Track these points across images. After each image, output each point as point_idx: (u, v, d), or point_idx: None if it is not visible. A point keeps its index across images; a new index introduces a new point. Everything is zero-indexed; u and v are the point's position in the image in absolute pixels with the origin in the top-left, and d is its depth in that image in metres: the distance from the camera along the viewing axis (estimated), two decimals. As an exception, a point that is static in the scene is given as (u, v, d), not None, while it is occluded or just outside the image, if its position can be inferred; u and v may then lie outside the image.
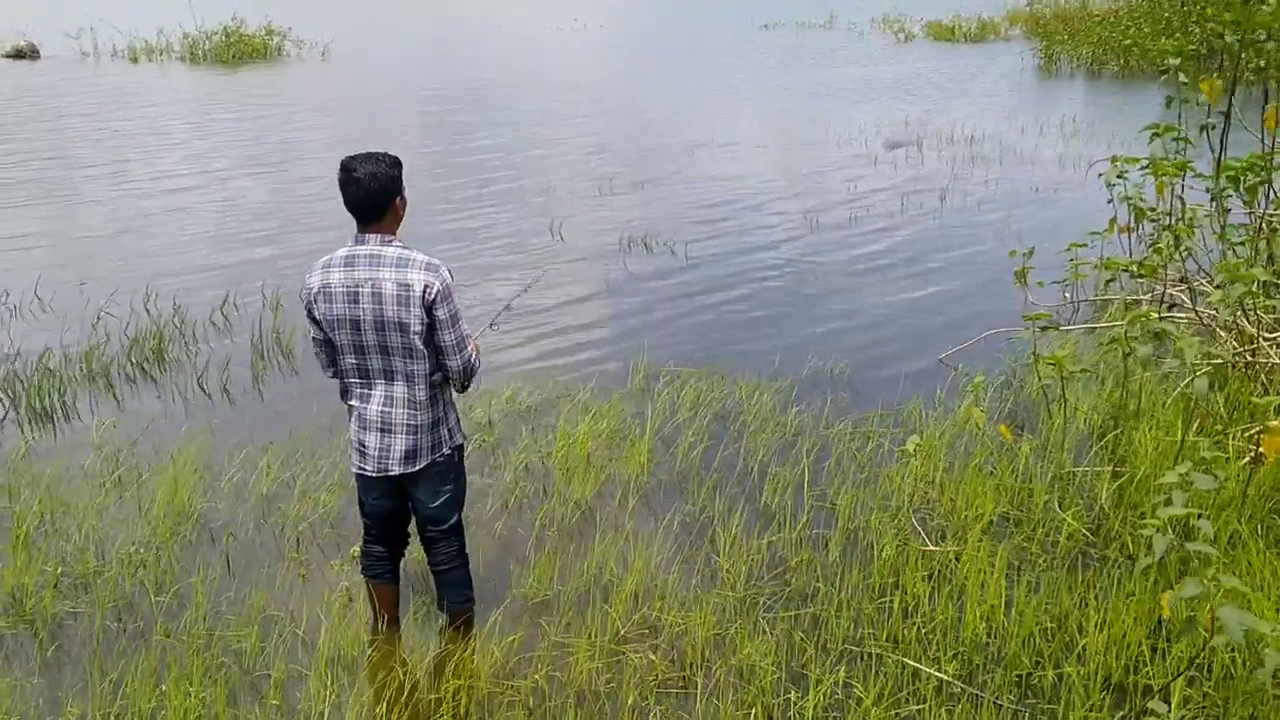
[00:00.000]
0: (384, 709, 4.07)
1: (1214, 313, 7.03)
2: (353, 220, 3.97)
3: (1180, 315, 7.33)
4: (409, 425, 4.07)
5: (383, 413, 4.06)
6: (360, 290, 3.89)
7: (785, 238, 10.84)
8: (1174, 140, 7.30)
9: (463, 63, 27.08)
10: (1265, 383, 6.14)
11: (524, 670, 4.29)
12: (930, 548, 5.00)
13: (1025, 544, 5.06)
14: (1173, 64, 7.38)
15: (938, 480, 5.60)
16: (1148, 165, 7.24)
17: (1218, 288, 5.95)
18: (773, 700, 4.09)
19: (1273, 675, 3.27)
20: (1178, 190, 7.40)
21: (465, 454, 4.46)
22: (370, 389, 4.07)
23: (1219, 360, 6.38)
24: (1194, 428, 5.61)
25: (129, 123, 18.01)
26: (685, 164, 14.55)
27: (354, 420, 4.15)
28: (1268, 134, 7.04)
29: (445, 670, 4.21)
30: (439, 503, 4.26)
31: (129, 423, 6.67)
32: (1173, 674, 4.00)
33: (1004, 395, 6.77)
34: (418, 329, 3.92)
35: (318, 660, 4.32)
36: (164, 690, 4.10)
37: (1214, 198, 7.42)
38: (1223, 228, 7.27)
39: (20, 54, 27.69)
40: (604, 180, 13.42)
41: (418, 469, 4.15)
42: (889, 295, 9.04)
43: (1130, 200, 7.50)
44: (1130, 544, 4.97)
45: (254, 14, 29.19)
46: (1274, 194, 7.30)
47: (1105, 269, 7.08)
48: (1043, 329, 6.34)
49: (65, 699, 4.16)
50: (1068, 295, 8.27)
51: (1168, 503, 3.95)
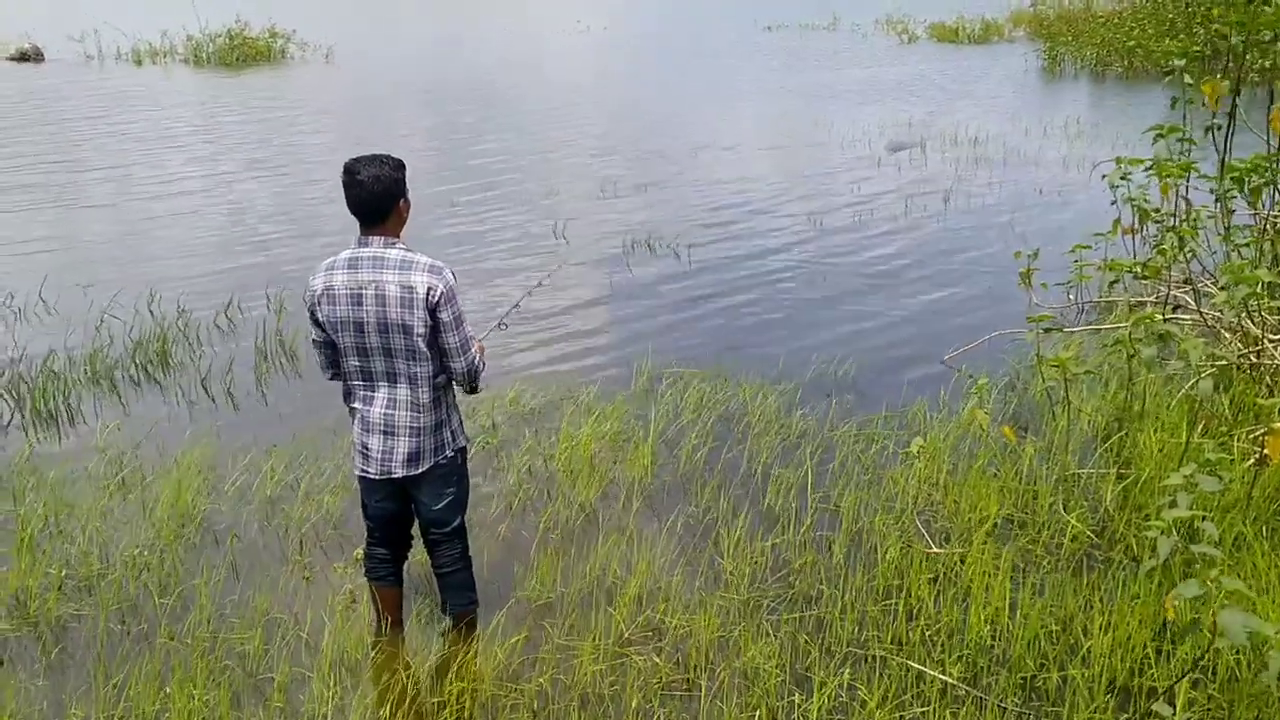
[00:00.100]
0: (387, 711, 4.07)
1: (1218, 314, 7.02)
2: (356, 222, 3.98)
3: (1185, 317, 7.31)
4: (412, 428, 4.07)
5: (386, 415, 4.06)
6: (364, 292, 3.89)
7: (789, 240, 10.83)
8: (1178, 141, 7.29)
9: (466, 65, 27.10)
10: (1270, 384, 6.12)
11: (528, 673, 4.29)
12: (934, 550, 4.99)
13: (1030, 546, 5.05)
14: (1177, 65, 7.35)
15: (942, 482, 5.59)
16: (1152, 166, 7.23)
17: (1222, 289, 5.94)
18: (777, 703, 4.08)
19: (1277, 678, 3.26)
20: (1182, 191, 7.39)
21: (468, 456, 4.46)
22: (373, 391, 4.07)
23: (1224, 362, 6.37)
24: (1199, 429, 5.60)
25: (133, 126, 18.05)
26: (689, 166, 14.55)
27: (357, 423, 4.15)
28: (1273, 135, 7.03)
29: (448, 673, 4.21)
30: (442, 505, 4.27)
31: (133, 425, 6.68)
32: (1177, 675, 3.99)
33: (1008, 397, 6.77)
34: (421, 331, 3.92)
35: (321, 663, 4.32)
36: (168, 693, 4.11)
37: (1218, 199, 7.40)
38: (1227, 229, 7.25)
39: (25, 57, 27.75)
40: (608, 182, 13.43)
41: (421, 471, 4.15)
42: (893, 297, 9.04)
43: (1134, 201, 7.49)
44: (1135, 546, 4.96)
45: (257, 17, 29.23)
46: (1279, 195, 7.28)
47: (1109, 270, 7.07)
48: (1047, 330, 6.34)
49: (69, 701, 4.16)
50: (1072, 297, 8.26)
51: (1172, 505, 3.93)
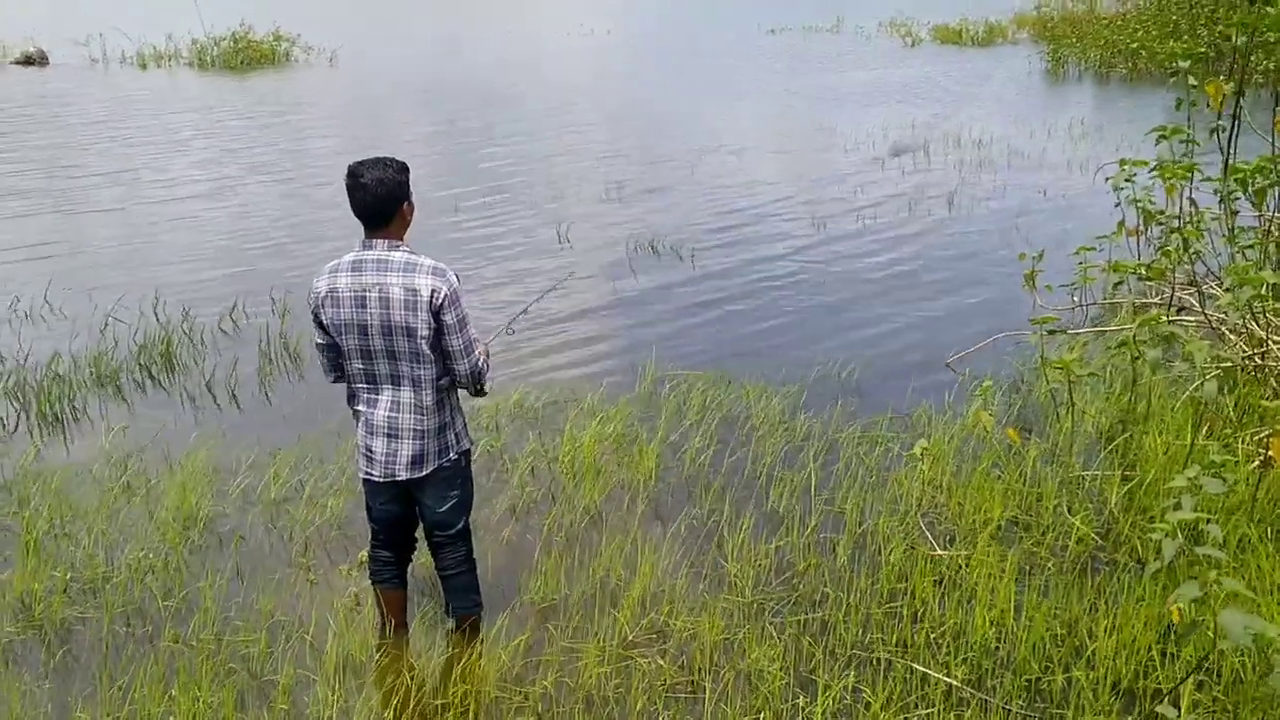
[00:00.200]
0: (391, 714, 4.07)
1: (1223, 316, 7.01)
2: (361, 226, 3.98)
3: (1189, 318, 7.30)
4: (416, 430, 4.08)
5: (389, 418, 4.07)
6: (367, 295, 3.90)
7: (793, 243, 10.83)
8: (1182, 143, 7.28)
9: (469, 68, 27.12)
10: (1275, 386, 6.11)
11: (532, 675, 4.29)
12: (939, 552, 4.99)
13: (1034, 549, 5.05)
14: (1181, 67, 7.35)
15: (946, 484, 5.58)
16: (1155, 168, 7.22)
17: (1227, 291, 5.93)
18: (781, 705, 4.08)
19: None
20: (1187, 193, 7.38)
21: (472, 459, 4.47)
22: (377, 394, 4.08)
23: (1228, 363, 6.36)
24: (1203, 431, 5.59)
25: (139, 129, 18.07)
26: (693, 169, 14.54)
27: (361, 426, 4.16)
28: (1278, 136, 7.02)
29: (453, 675, 4.21)
30: (446, 508, 4.27)
31: (138, 428, 6.69)
32: (1181, 678, 3.98)
33: (1012, 399, 6.76)
34: (425, 334, 3.92)
35: (326, 665, 4.32)
36: (173, 695, 4.11)
37: (1222, 200, 7.39)
38: (1231, 230, 7.24)
39: (30, 60, 27.82)
40: (613, 185, 13.43)
41: (425, 474, 4.16)
42: (897, 300, 9.03)
43: (1139, 203, 7.48)
44: (1140, 548, 4.95)
45: (257, 18, 29.27)
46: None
47: (1114, 272, 7.06)
48: (1051, 332, 6.33)
49: (74, 704, 4.17)
50: (1076, 299, 8.25)
51: (1177, 507, 3.93)
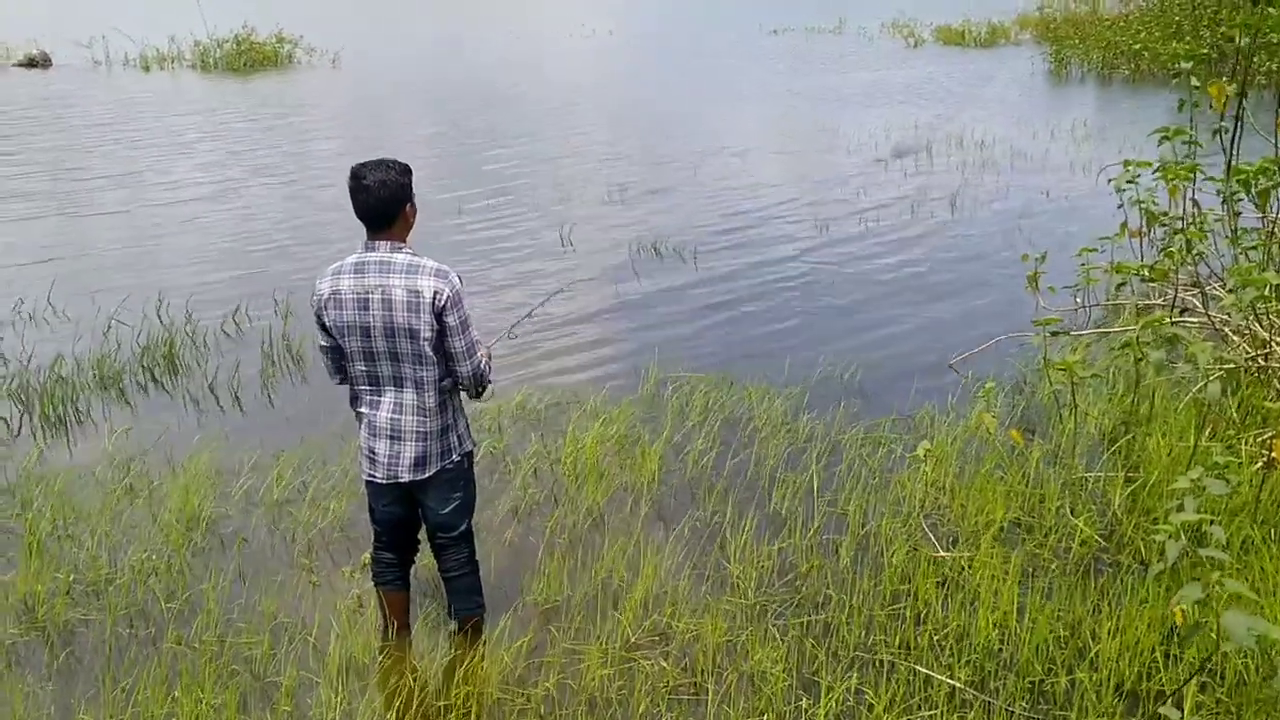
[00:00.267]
0: (394, 716, 4.07)
1: (1226, 317, 7.00)
2: (363, 228, 3.98)
3: (1192, 320, 7.30)
4: (418, 432, 4.08)
5: (392, 420, 4.07)
6: (370, 297, 3.90)
7: (796, 243, 10.83)
8: (1184, 144, 7.27)
9: (472, 69, 27.13)
10: (1278, 387, 6.10)
11: (535, 677, 4.29)
12: (941, 554, 4.98)
13: (1037, 550, 5.04)
14: (1184, 68, 7.34)
15: (949, 486, 5.58)
16: (1158, 169, 7.21)
17: (1230, 292, 5.92)
18: (784, 707, 4.08)
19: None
20: (1190, 194, 7.37)
21: (475, 460, 4.47)
22: (380, 396, 4.08)
23: (1231, 365, 6.35)
24: (1206, 433, 5.59)
25: (142, 131, 18.08)
26: (696, 170, 14.54)
27: (364, 427, 4.16)
28: (1281, 137, 7.01)
29: (455, 676, 4.22)
30: (449, 509, 4.27)
31: (141, 430, 6.70)
32: (1185, 679, 3.98)
33: (1015, 400, 6.76)
34: (428, 335, 3.92)
35: (329, 667, 4.33)
36: (175, 697, 4.12)
37: (1224, 201, 7.38)
38: (1234, 232, 7.23)
39: (33, 63, 27.84)
40: (615, 187, 13.43)
41: (427, 476, 4.16)
42: (900, 301, 9.03)
43: (1142, 204, 7.47)
44: (1143, 550, 4.95)
45: (258, 19, 29.29)
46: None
47: (1117, 273, 7.05)
48: (1054, 334, 6.32)
49: (78, 706, 4.17)
50: (1079, 300, 8.24)
51: (1180, 508, 3.93)
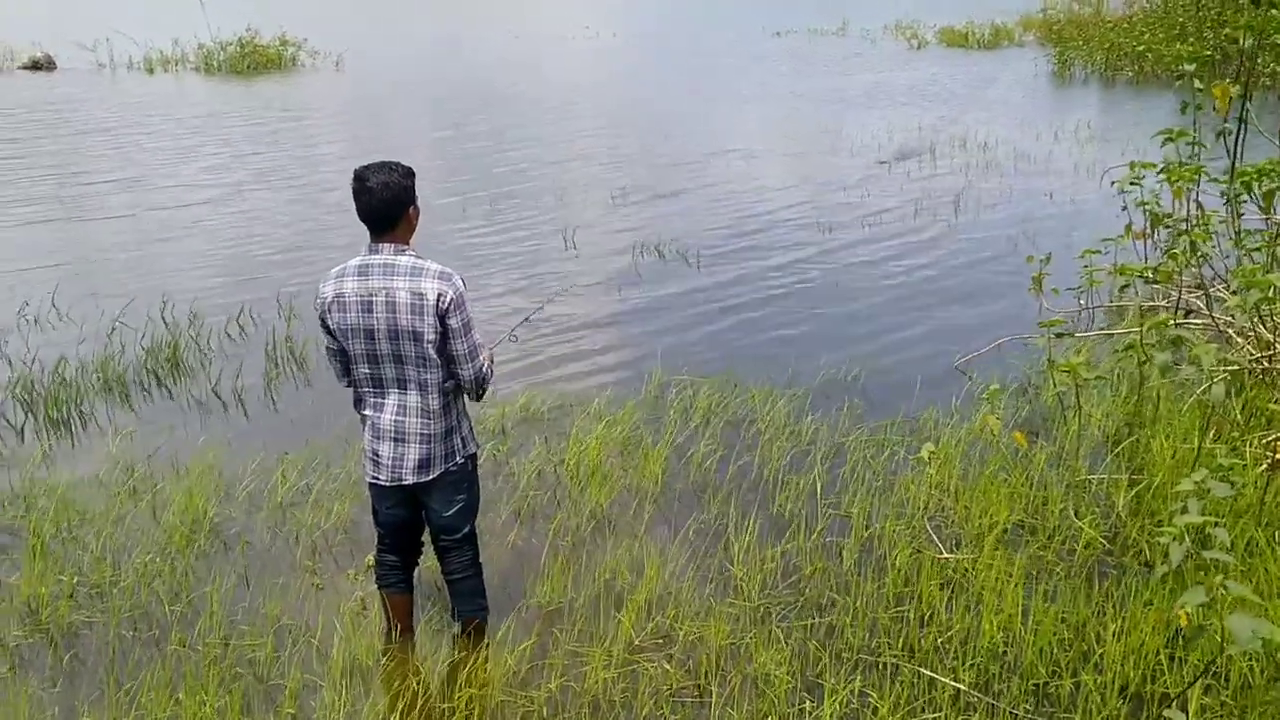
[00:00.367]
0: (398, 718, 4.07)
1: (1230, 319, 6.98)
2: (366, 230, 3.98)
3: (1196, 321, 7.28)
4: (422, 434, 4.08)
5: (396, 422, 4.07)
6: (374, 299, 3.90)
7: (799, 246, 10.82)
8: (1188, 144, 7.26)
9: (475, 70, 27.15)
10: (1283, 389, 6.09)
11: (538, 679, 4.28)
12: (945, 556, 4.98)
13: (1041, 552, 5.03)
14: (1187, 69, 7.33)
15: (953, 488, 5.57)
16: (1162, 171, 7.20)
17: (1234, 294, 5.91)
18: (788, 710, 4.07)
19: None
20: (1194, 196, 7.36)
21: (478, 463, 4.46)
22: (383, 398, 4.08)
23: (1235, 366, 6.34)
24: (1210, 435, 5.57)
25: (147, 135, 18.11)
26: (699, 172, 14.55)
27: (368, 430, 4.16)
28: (1284, 139, 7.00)
29: (459, 679, 4.21)
30: (452, 512, 4.27)
31: (144, 432, 6.70)
32: (1190, 682, 3.97)
33: (1019, 402, 6.75)
34: (431, 338, 3.92)
35: (332, 670, 4.33)
36: (179, 700, 4.12)
37: (1228, 203, 7.37)
38: (1238, 233, 7.22)
39: (37, 66, 27.89)
40: (618, 189, 13.43)
41: (431, 478, 4.16)
42: (904, 303, 9.02)
43: (1146, 206, 7.46)
44: (1147, 552, 4.94)
45: (262, 21, 29.33)
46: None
47: (1120, 275, 7.04)
48: (1058, 335, 6.31)
49: (81, 708, 4.17)
50: (1082, 302, 8.24)
51: (1184, 510, 3.92)
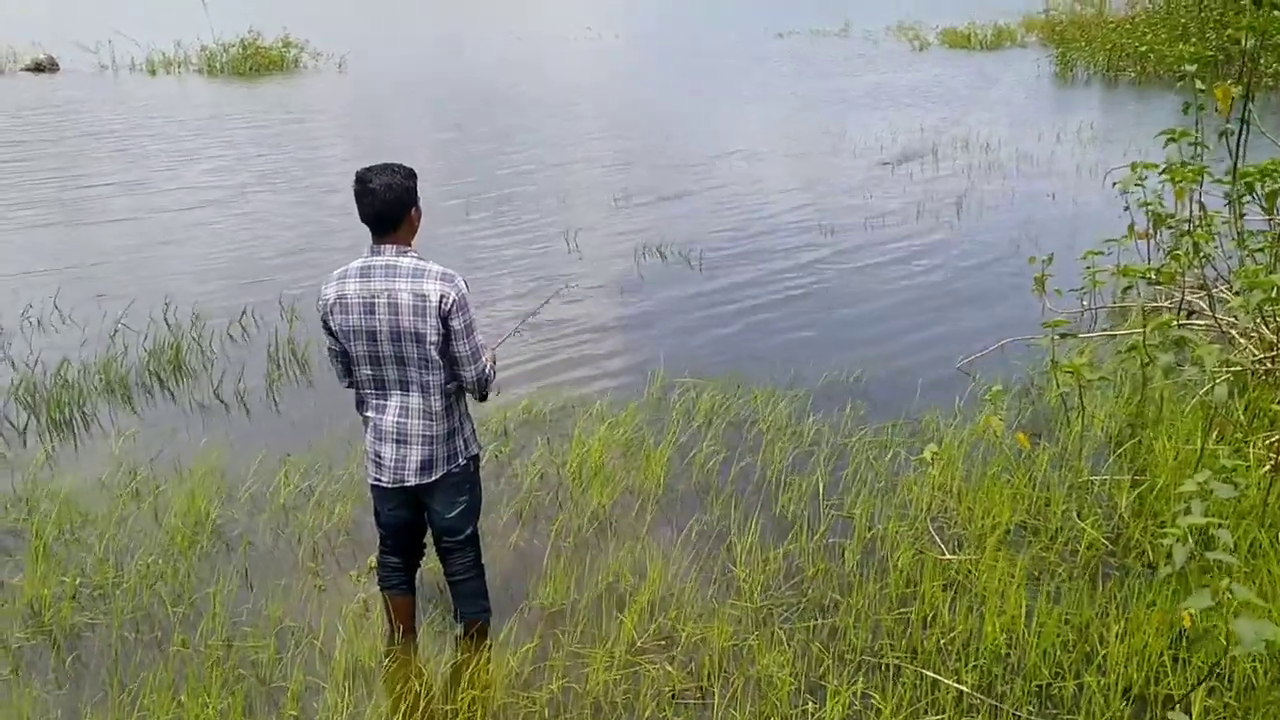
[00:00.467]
0: (400, 719, 4.07)
1: (1233, 320, 6.97)
2: (369, 232, 3.98)
3: (1199, 322, 7.27)
4: (424, 436, 4.07)
5: (398, 424, 4.07)
6: (376, 301, 3.90)
7: (801, 246, 10.82)
8: (1190, 144, 7.25)
9: (477, 72, 27.15)
10: (1286, 390, 6.08)
11: (540, 680, 4.28)
12: (948, 557, 4.97)
13: (1043, 554, 5.03)
14: (1188, 70, 7.32)
15: (955, 489, 5.57)
16: (1165, 171, 7.19)
17: (1237, 294, 5.90)
18: (790, 711, 4.07)
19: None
20: (1196, 196, 7.35)
21: (481, 464, 4.46)
22: (386, 400, 4.08)
23: (1238, 367, 6.33)
24: (1213, 436, 5.57)
25: (150, 136, 18.12)
26: (701, 174, 14.54)
27: (370, 431, 4.16)
28: (1286, 139, 6.99)
29: (461, 680, 4.21)
30: (455, 513, 4.27)
31: (147, 433, 6.71)
32: (1193, 683, 3.96)
33: (1022, 403, 6.74)
34: (434, 339, 3.92)
35: (335, 671, 4.33)
36: (181, 702, 4.12)
37: (1231, 203, 7.36)
38: (1240, 234, 7.21)
39: (39, 67, 27.91)
40: (621, 191, 13.43)
41: (433, 480, 4.16)
42: (906, 303, 9.02)
43: (1149, 206, 7.45)
44: (1150, 553, 4.94)
45: (262, 20, 29.35)
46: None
47: (1123, 276, 7.03)
48: (1061, 336, 6.31)
49: (84, 710, 4.17)
50: (1085, 303, 8.23)
51: (1187, 511, 3.91)
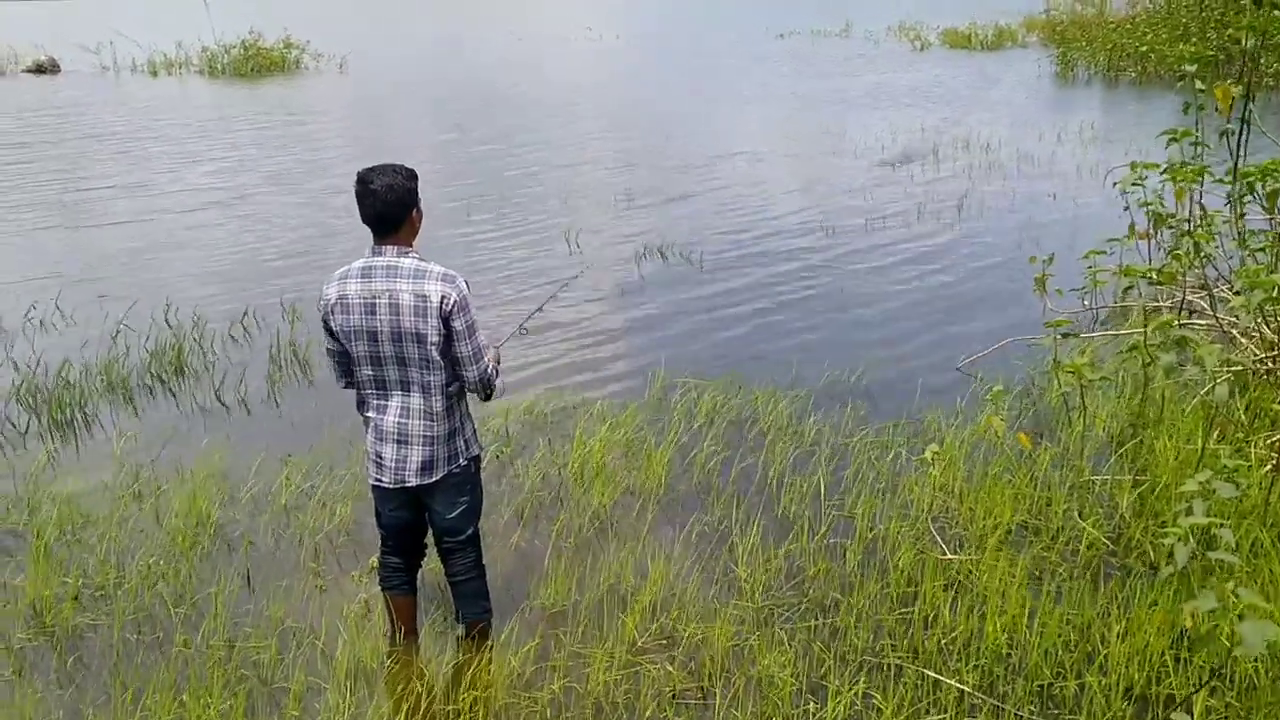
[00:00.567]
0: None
1: (1234, 319, 6.97)
2: (370, 232, 3.99)
3: (1200, 322, 7.27)
4: (425, 436, 4.08)
5: (399, 424, 4.07)
6: (377, 301, 3.90)
7: (803, 247, 10.82)
8: (1191, 144, 7.25)
9: (478, 72, 27.18)
10: (1287, 390, 6.08)
11: (541, 681, 4.28)
12: (949, 557, 4.97)
13: (1045, 553, 5.03)
14: (1188, 70, 7.32)
15: (956, 489, 5.57)
16: (1166, 171, 7.19)
17: (1238, 294, 5.90)
18: (791, 711, 4.07)
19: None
20: (1196, 197, 7.34)
21: (482, 465, 4.47)
22: (387, 400, 4.08)
23: (1239, 367, 6.33)
24: (1215, 435, 5.57)
25: (151, 138, 18.15)
26: (702, 174, 14.55)
27: (371, 432, 4.16)
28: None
29: (463, 681, 4.21)
30: (456, 514, 4.27)
31: (149, 434, 6.71)
32: (1195, 684, 3.96)
33: (1023, 403, 6.74)
34: (435, 340, 3.92)
35: (336, 671, 4.33)
36: (183, 702, 4.12)
37: (1231, 203, 7.35)
38: (1241, 234, 7.21)
39: (41, 69, 27.98)
40: (622, 192, 13.44)
41: (434, 480, 4.16)
42: (907, 304, 9.02)
43: (1150, 206, 7.45)
44: (1152, 553, 4.93)
45: (262, 20, 29.38)
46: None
47: (1124, 276, 7.03)
48: (1063, 336, 6.30)
49: (86, 711, 4.18)
50: (1086, 303, 8.23)
51: (1189, 511, 3.91)
